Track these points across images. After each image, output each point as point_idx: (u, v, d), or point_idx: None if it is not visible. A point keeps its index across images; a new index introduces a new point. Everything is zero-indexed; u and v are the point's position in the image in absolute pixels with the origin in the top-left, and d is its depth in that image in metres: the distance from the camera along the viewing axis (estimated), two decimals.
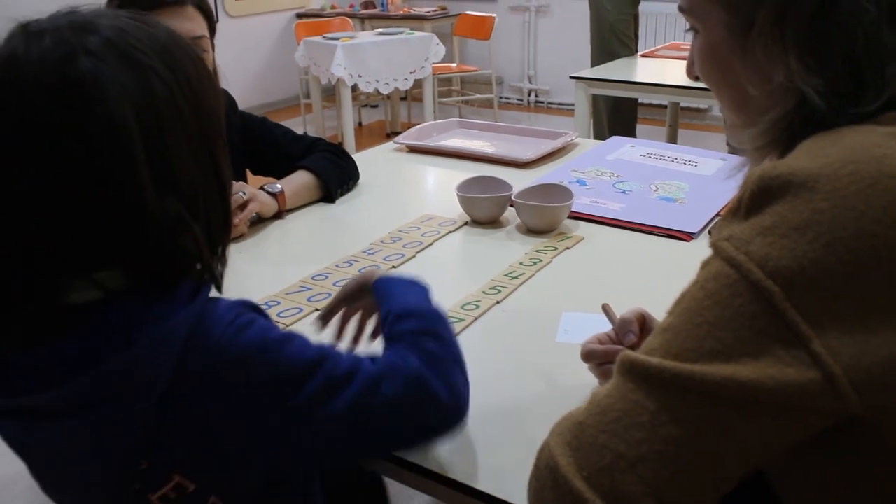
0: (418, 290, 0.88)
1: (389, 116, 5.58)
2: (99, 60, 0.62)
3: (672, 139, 4.02)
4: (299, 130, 5.59)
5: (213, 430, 0.67)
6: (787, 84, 0.63)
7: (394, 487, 1.20)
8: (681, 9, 0.72)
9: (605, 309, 0.96)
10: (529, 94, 6.23)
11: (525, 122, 5.82)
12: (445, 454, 0.84)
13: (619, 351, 0.87)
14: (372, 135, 5.59)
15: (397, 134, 5.35)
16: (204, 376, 0.65)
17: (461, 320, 1.10)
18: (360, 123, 5.81)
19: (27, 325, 0.66)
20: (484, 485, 0.79)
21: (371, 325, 0.94)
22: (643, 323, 0.91)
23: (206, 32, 1.41)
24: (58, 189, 0.62)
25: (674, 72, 3.14)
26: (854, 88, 0.61)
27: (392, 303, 0.85)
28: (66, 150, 0.61)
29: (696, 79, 0.75)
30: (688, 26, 0.73)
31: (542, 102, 6.22)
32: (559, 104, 6.10)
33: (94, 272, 0.66)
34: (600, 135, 3.74)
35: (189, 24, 1.37)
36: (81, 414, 0.64)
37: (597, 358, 0.89)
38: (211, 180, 0.70)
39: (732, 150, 3.84)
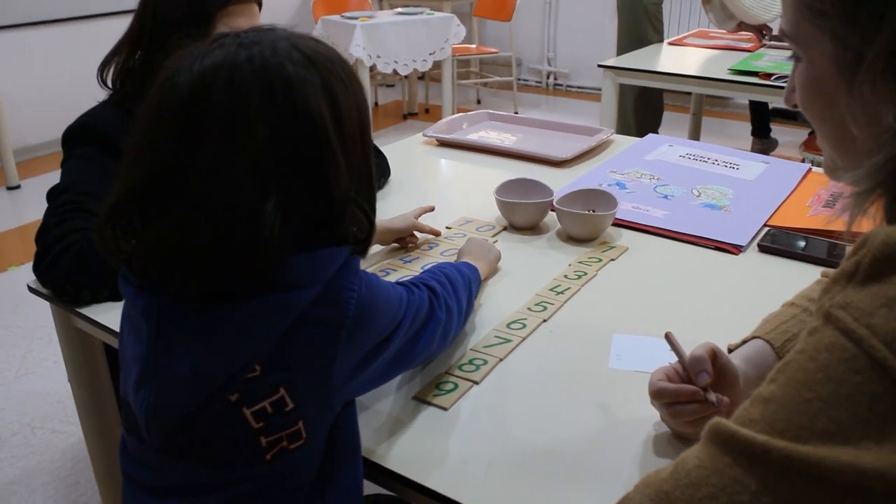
0: (472, 267, 1.13)
1: (406, 97, 5.51)
2: (301, 68, 0.74)
3: (696, 127, 3.95)
4: None
5: (330, 351, 0.75)
6: None
7: None
8: (783, 33, 0.66)
9: (669, 338, 0.90)
10: (548, 77, 6.14)
11: (544, 105, 5.74)
12: (495, 491, 0.80)
13: (693, 391, 0.83)
14: (388, 115, 5.52)
15: (414, 115, 5.37)
16: (345, 302, 0.75)
17: (508, 341, 1.05)
18: (376, 104, 5.74)
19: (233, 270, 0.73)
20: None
21: None
22: (714, 360, 0.86)
23: None
24: (264, 169, 0.72)
25: (701, 61, 3.06)
26: None
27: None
28: (279, 136, 0.72)
29: (795, 107, 0.69)
30: (792, 55, 0.67)
31: (560, 85, 6.13)
32: (578, 87, 6.01)
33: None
34: (623, 126, 3.67)
35: (255, 21, 1.34)
36: (232, 301, 0.72)
37: (668, 397, 0.84)
38: (365, 175, 0.81)
39: (758, 149, 3.77)
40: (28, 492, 1.93)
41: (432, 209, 1.42)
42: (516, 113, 5.25)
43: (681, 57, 3.22)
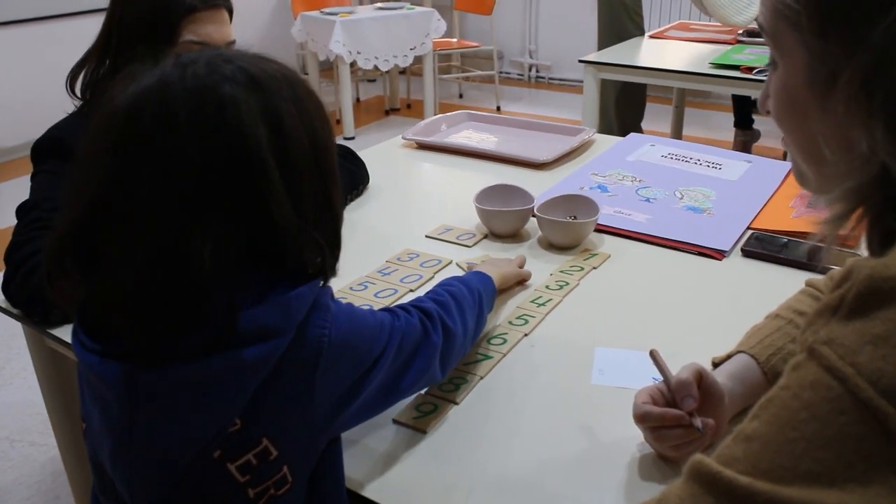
0: (482, 280, 1.08)
1: (388, 92, 5.47)
2: (238, 87, 0.69)
3: (679, 120, 3.94)
4: None
5: (309, 394, 0.72)
6: (870, 154, 0.55)
7: None
8: (760, 27, 0.64)
9: (654, 356, 0.89)
10: (530, 69, 6.11)
11: (526, 98, 5.71)
12: None
13: (678, 416, 0.81)
14: (370, 111, 5.48)
15: (396, 110, 5.33)
16: (321, 338, 0.72)
17: (489, 357, 1.03)
18: (357, 99, 5.70)
19: (177, 310, 0.69)
20: None
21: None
22: (700, 381, 0.84)
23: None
24: (198, 196, 0.67)
25: (683, 54, 3.05)
26: None
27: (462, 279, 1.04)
28: (208, 166, 0.67)
29: (769, 114, 0.67)
30: (770, 58, 0.65)
31: (542, 78, 6.10)
32: (560, 80, 5.99)
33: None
34: (606, 121, 3.65)
35: (226, 28, 1.30)
36: (204, 360, 0.67)
37: (652, 421, 0.82)
38: (324, 203, 0.75)
39: (738, 147, 3.77)
40: None
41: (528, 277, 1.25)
42: (498, 108, 5.24)
43: (662, 50, 3.21)
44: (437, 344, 0.88)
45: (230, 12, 1.33)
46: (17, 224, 1.22)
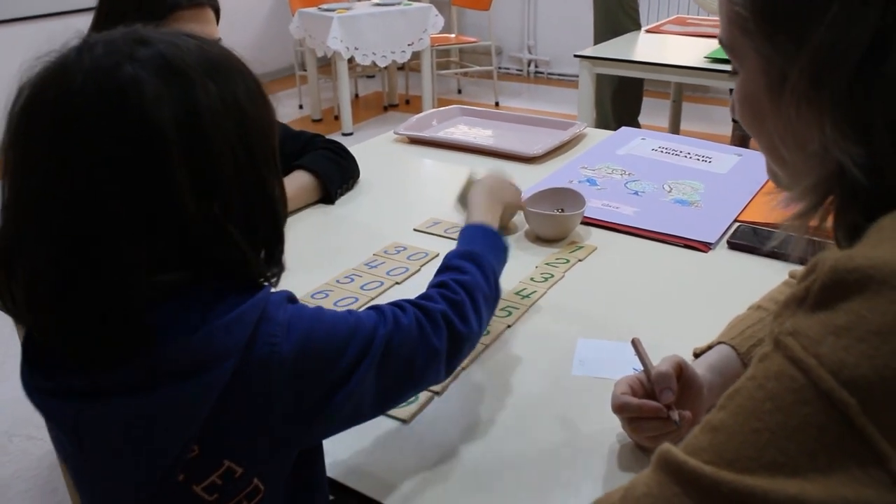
0: (490, 241, 0.98)
1: (387, 88, 5.47)
2: (142, 69, 0.63)
3: (676, 114, 3.94)
4: (294, 103, 5.47)
5: (267, 412, 0.68)
6: (823, 152, 0.56)
7: None
8: (721, 42, 0.65)
9: (635, 345, 0.89)
10: (529, 65, 6.11)
11: (525, 93, 5.71)
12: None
13: (656, 408, 0.82)
14: (369, 107, 5.49)
15: (395, 106, 5.34)
16: (270, 354, 0.67)
17: None
18: (356, 95, 5.70)
19: (95, 316, 0.65)
20: None
21: None
22: (680, 374, 0.85)
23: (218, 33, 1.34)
24: (101, 191, 0.63)
25: (681, 49, 3.05)
26: None
27: (460, 247, 0.95)
28: (106, 154, 0.62)
29: (737, 121, 0.68)
30: (732, 67, 0.66)
31: (541, 73, 6.10)
32: (559, 75, 5.99)
33: (158, 273, 0.65)
34: (602, 116, 3.65)
35: (209, 27, 1.30)
36: (149, 391, 0.64)
37: (630, 412, 0.83)
38: (257, 195, 0.70)
39: (736, 141, 3.77)
40: (5, 501, 1.92)
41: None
42: (497, 103, 5.24)
43: (658, 45, 3.21)
44: (440, 350, 0.80)
45: (216, 12, 1.34)
46: None
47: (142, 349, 0.64)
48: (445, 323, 0.81)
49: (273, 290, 0.73)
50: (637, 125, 3.62)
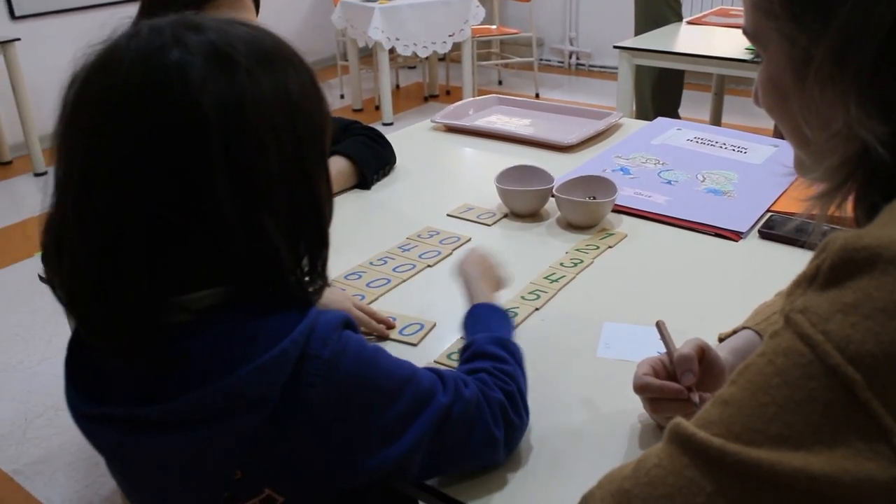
0: (505, 322, 0.95)
1: (427, 79, 5.50)
2: (189, 54, 0.62)
3: (718, 107, 3.90)
4: (336, 93, 5.51)
5: (308, 445, 0.67)
6: (847, 131, 0.57)
7: None
8: (745, 32, 0.67)
9: (660, 328, 0.91)
10: (570, 57, 6.09)
11: (566, 85, 5.69)
12: (470, 478, 0.82)
13: (677, 389, 0.84)
14: (410, 97, 5.51)
15: (435, 97, 5.36)
16: (310, 391, 0.65)
17: None
18: (397, 86, 5.74)
19: (132, 340, 0.65)
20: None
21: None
22: (702, 357, 0.86)
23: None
24: (137, 179, 0.62)
25: (723, 41, 3.02)
26: None
27: (483, 328, 0.92)
28: (144, 137, 0.61)
29: (760, 107, 0.69)
30: (755, 53, 0.67)
31: (583, 65, 6.07)
32: (601, 67, 5.95)
33: (192, 290, 0.65)
34: (642, 108, 3.64)
35: (246, 14, 1.33)
36: (191, 427, 0.64)
37: (651, 393, 0.85)
38: (303, 195, 0.68)
39: (779, 134, 3.69)
40: (51, 471, 1.99)
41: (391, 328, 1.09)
42: (537, 95, 5.23)
43: (700, 37, 3.19)
44: (499, 440, 0.79)
45: (256, 1, 1.37)
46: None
47: (178, 385, 0.63)
48: (502, 413, 0.80)
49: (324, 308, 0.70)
50: (677, 117, 3.60)
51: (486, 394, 0.79)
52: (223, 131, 0.62)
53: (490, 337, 0.89)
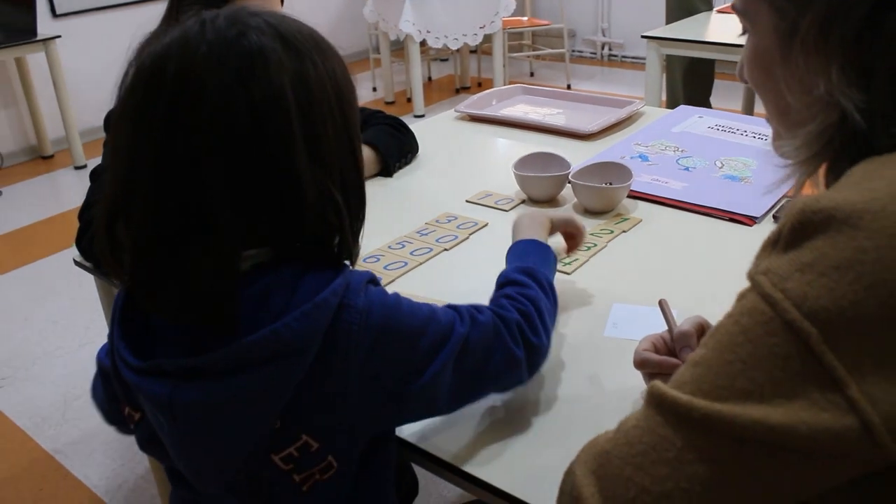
0: (543, 256, 1.00)
1: (459, 71, 5.52)
2: (264, 37, 0.69)
3: (750, 96, 3.86)
4: (368, 85, 5.56)
5: (347, 387, 0.73)
6: (828, 98, 0.60)
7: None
8: (734, 8, 0.69)
9: (662, 306, 0.93)
10: (603, 48, 6.07)
11: (598, 76, 5.68)
12: (476, 448, 0.85)
13: (675, 365, 0.86)
14: (442, 89, 5.55)
15: (467, 89, 5.39)
16: (349, 337, 0.72)
17: None
18: (429, 78, 5.77)
19: (193, 293, 0.71)
20: (510, 486, 0.80)
21: None
22: (702, 333, 0.88)
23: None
24: (225, 156, 0.68)
25: None
26: None
27: (514, 262, 0.98)
28: (231, 116, 0.67)
29: (745, 82, 0.71)
30: (742, 29, 0.70)
31: (615, 56, 6.05)
32: (633, 58, 5.92)
33: (248, 247, 0.72)
34: (673, 97, 3.62)
35: (270, 4, 1.38)
36: (241, 373, 0.69)
37: (650, 368, 0.87)
38: (350, 161, 0.76)
39: None
40: (89, 450, 2.07)
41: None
42: (569, 86, 5.23)
43: (731, 25, 3.16)
44: (520, 358, 0.84)
45: None
46: (90, 186, 1.35)
47: (227, 336, 0.69)
48: (520, 332, 0.84)
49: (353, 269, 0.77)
50: (709, 106, 3.58)
51: (503, 316, 0.84)
52: (299, 107, 0.70)
53: (518, 267, 0.95)
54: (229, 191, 0.68)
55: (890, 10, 0.56)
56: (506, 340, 0.82)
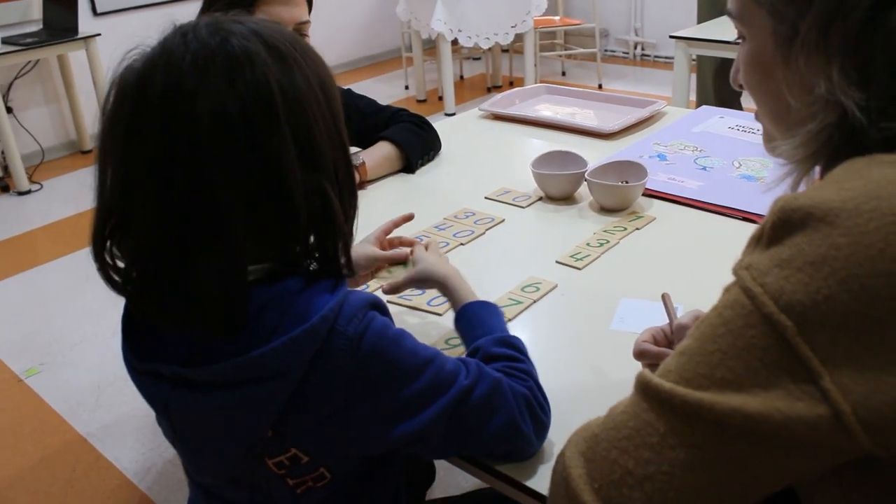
0: (499, 317, 0.96)
1: (491, 70, 5.55)
2: (247, 41, 0.70)
3: None
4: (401, 84, 5.58)
5: (333, 413, 0.74)
6: (829, 97, 0.61)
7: None
8: (729, 14, 0.71)
9: (664, 299, 0.96)
10: (636, 47, 6.05)
11: (630, 76, 5.66)
12: None
13: None
14: (474, 88, 5.57)
15: (498, 88, 5.41)
16: (336, 364, 0.72)
17: (519, 303, 1.13)
18: (461, 77, 5.80)
19: (190, 305, 0.71)
20: (516, 474, 0.84)
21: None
22: None
23: (309, 17, 1.46)
24: (216, 159, 0.68)
25: None
26: (893, 104, 0.59)
27: (482, 330, 0.93)
28: (227, 121, 0.68)
29: (741, 87, 0.74)
30: (737, 34, 0.72)
31: (648, 56, 6.02)
32: (666, 58, 5.88)
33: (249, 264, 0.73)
34: (704, 96, 3.61)
35: (298, 10, 1.42)
36: (230, 389, 0.72)
37: (649, 358, 0.90)
38: (340, 154, 0.77)
39: None
40: (120, 434, 2.15)
41: (410, 217, 1.20)
42: (600, 86, 5.22)
43: None
44: (528, 434, 0.82)
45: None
46: None
47: (226, 344, 0.71)
48: (528, 408, 0.82)
49: (356, 288, 0.78)
50: (739, 106, 3.57)
51: (511, 386, 0.82)
52: (286, 106, 0.70)
53: (493, 339, 0.90)
54: (233, 193, 0.69)
55: (888, 9, 0.59)
56: (511, 407, 0.80)
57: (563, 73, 5.78)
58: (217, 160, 0.68)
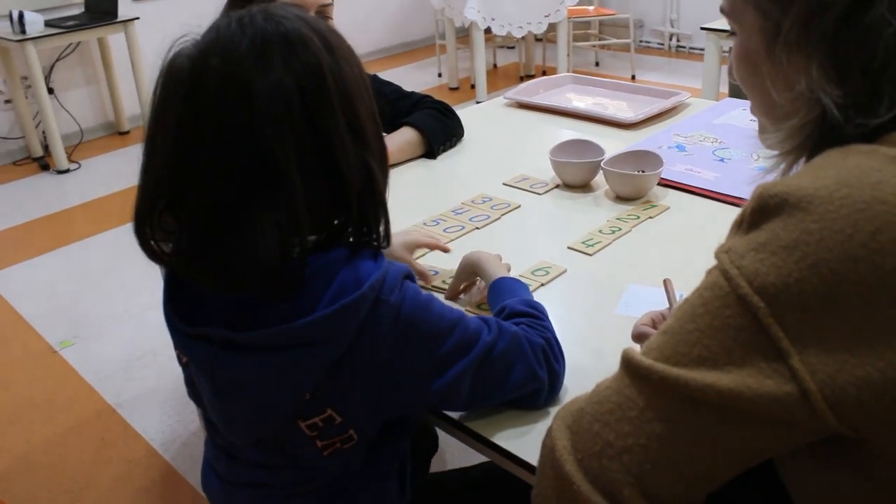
0: (527, 289, 1.05)
1: (524, 59, 5.55)
2: (299, 26, 0.76)
3: None
4: (434, 71, 5.60)
5: (373, 375, 0.79)
6: (809, 94, 0.63)
7: None
8: (722, 10, 0.73)
9: (666, 285, 0.99)
10: (671, 39, 6.00)
11: (664, 67, 5.63)
12: (487, 413, 0.92)
13: None
14: (507, 77, 5.58)
15: (531, 77, 5.39)
16: (381, 330, 0.77)
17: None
18: (494, 65, 5.81)
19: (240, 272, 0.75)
20: (517, 449, 0.87)
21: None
22: None
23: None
24: (275, 132, 0.73)
25: None
26: (869, 101, 0.61)
27: (511, 296, 1.02)
28: (286, 103, 0.73)
29: (735, 81, 0.76)
30: (730, 30, 0.74)
31: (683, 48, 5.98)
32: (701, 50, 5.82)
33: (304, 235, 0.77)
34: (737, 89, 3.59)
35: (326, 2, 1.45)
36: (278, 352, 0.76)
37: (646, 340, 0.92)
38: (375, 128, 0.82)
39: None
40: (147, 406, 2.22)
41: (446, 251, 1.25)
42: (633, 77, 5.20)
43: None
44: (543, 379, 0.90)
45: None
46: None
47: (271, 310, 0.75)
48: (545, 356, 0.90)
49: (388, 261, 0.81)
50: None
51: (529, 337, 0.90)
52: (336, 84, 0.75)
53: (519, 300, 0.99)
54: (291, 164, 0.73)
55: (864, 9, 0.60)
56: (529, 358, 0.88)
57: (597, 64, 5.76)
58: (276, 132, 0.72)
